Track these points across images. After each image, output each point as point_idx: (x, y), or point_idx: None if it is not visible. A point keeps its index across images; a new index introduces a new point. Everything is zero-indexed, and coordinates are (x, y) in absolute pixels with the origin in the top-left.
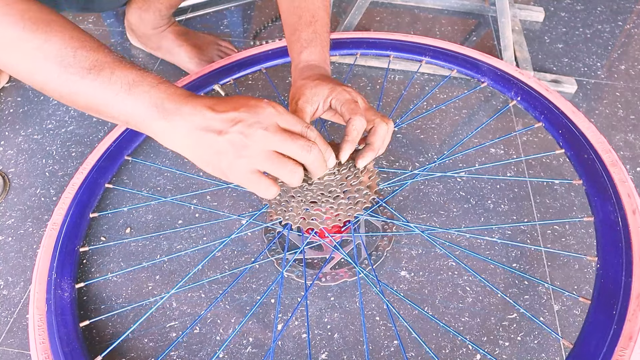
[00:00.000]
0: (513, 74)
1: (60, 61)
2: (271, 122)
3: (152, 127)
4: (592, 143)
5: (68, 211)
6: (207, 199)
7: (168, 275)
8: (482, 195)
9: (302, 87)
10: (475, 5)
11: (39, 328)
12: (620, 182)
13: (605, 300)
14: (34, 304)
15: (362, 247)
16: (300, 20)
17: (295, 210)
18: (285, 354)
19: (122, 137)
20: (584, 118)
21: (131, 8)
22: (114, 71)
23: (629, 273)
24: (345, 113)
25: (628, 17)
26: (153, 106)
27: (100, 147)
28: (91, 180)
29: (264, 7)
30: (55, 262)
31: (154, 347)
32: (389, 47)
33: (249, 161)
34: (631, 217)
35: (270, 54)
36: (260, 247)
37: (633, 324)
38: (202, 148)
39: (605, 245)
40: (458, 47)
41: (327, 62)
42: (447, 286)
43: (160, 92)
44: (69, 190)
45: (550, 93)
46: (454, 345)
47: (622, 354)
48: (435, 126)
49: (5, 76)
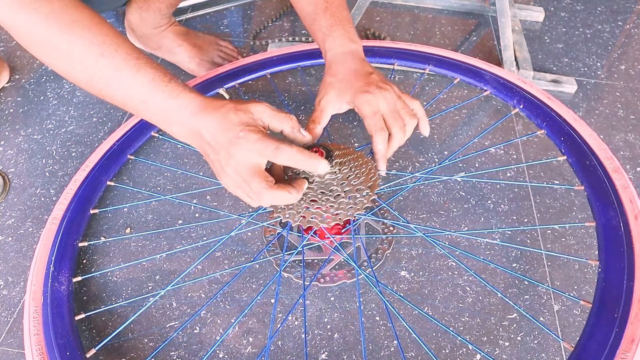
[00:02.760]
0: (516, 82)
1: (85, 69)
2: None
3: (167, 129)
4: (594, 150)
5: (69, 206)
6: (207, 199)
7: (168, 275)
8: (482, 195)
9: (328, 85)
10: (475, 5)
11: (34, 319)
12: (622, 188)
13: (607, 303)
14: (30, 295)
15: (362, 249)
16: (316, 8)
17: (295, 208)
18: (285, 354)
19: (125, 136)
20: (586, 125)
21: (131, 8)
22: (131, 83)
23: (630, 277)
24: (368, 128)
25: (628, 17)
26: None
27: (103, 145)
28: (93, 177)
29: (264, 7)
30: (53, 256)
31: (154, 347)
32: (393, 56)
33: (228, 180)
34: (633, 222)
35: (276, 60)
36: (260, 248)
37: (635, 327)
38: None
39: (607, 250)
40: (461, 56)
41: (353, 38)
42: (447, 286)
43: (172, 106)
44: (70, 187)
45: (553, 101)
46: (454, 345)
47: (624, 357)
48: (435, 126)
49: (5, 76)
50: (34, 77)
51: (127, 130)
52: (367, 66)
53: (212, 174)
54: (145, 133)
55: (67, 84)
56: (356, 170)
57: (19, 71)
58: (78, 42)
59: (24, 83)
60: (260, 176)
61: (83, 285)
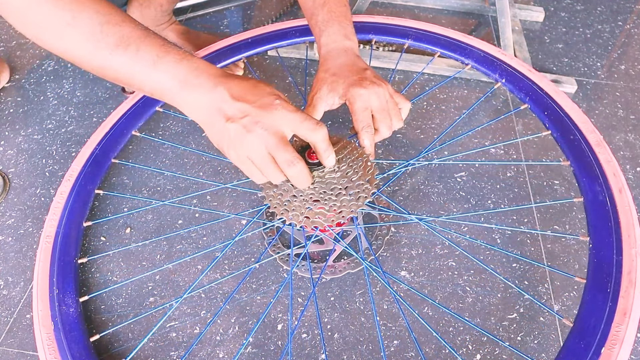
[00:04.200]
0: (497, 55)
1: (89, 37)
2: (274, 124)
3: (175, 98)
4: (577, 123)
5: (60, 222)
6: (207, 199)
7: (168, 275)
8: (482, 195)
9: (321, 81)
10: (475, 5)
11: (48, 347)
12: (605, 161)
13: (599, 278)
14: (39, 322)
15: (363, 238)
16: (315, 3)
17: (298, 209)
18: (285, 353)
19: (105, 139)
20: (567, 98)
21: (132, 6)
22: (139, 47)
23: (619, 251)
24: (355, 123)
25: (628, 17)
26: (176, 80)
27: (84, 151)
28: (80, 187)
29: (264, 7)
30: (55, 277)
31: (154, 347)
32: (371, 30)
33: (244, 150)
34: (618, 195)
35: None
36: (260, 246)
37: (626, 300)
38: (212, 125)
39: (596, 225)
40: (441, 29)
41: (349, 36)
42: (447, 286)
43: (184, 67)
44: (57, 200)
45: (534, 74)
46: (454, 345)
47: (617, 330)
48: (435, 126)
49: (5, 76)
50: (34, 77)
51: (107, 133)
52: (361, 62)
53: (211, 174)
54: (125, 133)
55: (67, 84)
56: (353, 164)
57: (19, 71)
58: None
59: (24, 83)
60: (290, 146)
61: (90, 304)
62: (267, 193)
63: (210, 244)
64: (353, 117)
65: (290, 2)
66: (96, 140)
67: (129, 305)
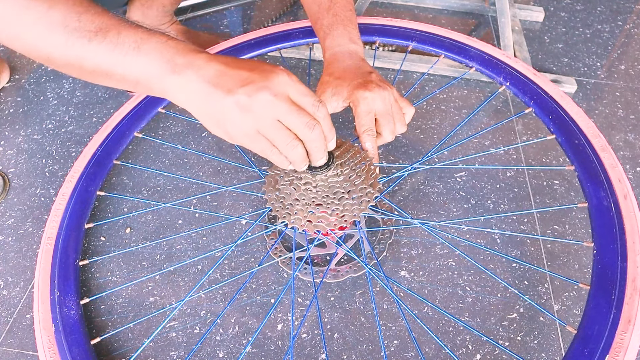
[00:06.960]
0: (501, 58)
1: (65, 27)
2: (282, 89)
3: (163, 84)
4: (582, 128)
5: (61, 224)
6: (207, 199)
7: (168, 275)
8: (482, 195)
9: (325, 84)
10: (475, 5)
11: (49, 350)
12: (610, 167)
13: (603, 285)
14: (40, 324)
15: (365, 241)
16: (320, 8)
17: (301, 213)
18: (285, 354)
19: (107, 140)
20: (573, 102)
21: (133, 6)
22: (120, 32)
23: (624, 257)
24: (357, 126)
25: (628, 17)
26: (164, 61)
27: (86, 152)
28: (81, 189)
29: (264, 7)
30: (56, 280)
31: (154, 347)
32: (375, 32)
33: (252, 123)
34: (623, 202)
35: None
36: (260, 247)
37: (631, 308)
38: (210, 105)
39: (600, 231)
40: (445, 31)
41: (354, 39)
42: (447, 286)
43: (171, 47)
44: (59, 201)
45: (539, 77)
46: (454, 345)
47: (622, 337)
48: (435, 126)
49: (5, 76)
50: (34, 77)
51: (110, 133)
52: (366, 65)
53: (211, 174)
54: (127, 134)
55: (67, 84)
56: (356, 168)
57: (19, 71)
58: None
59: (24, 83)
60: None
61: (90, 304)
62: (269, 197)
63: (210, 243)
64: (356, 119)
65: (291, 2)
66: (98, 141)
67: (129, 305)
